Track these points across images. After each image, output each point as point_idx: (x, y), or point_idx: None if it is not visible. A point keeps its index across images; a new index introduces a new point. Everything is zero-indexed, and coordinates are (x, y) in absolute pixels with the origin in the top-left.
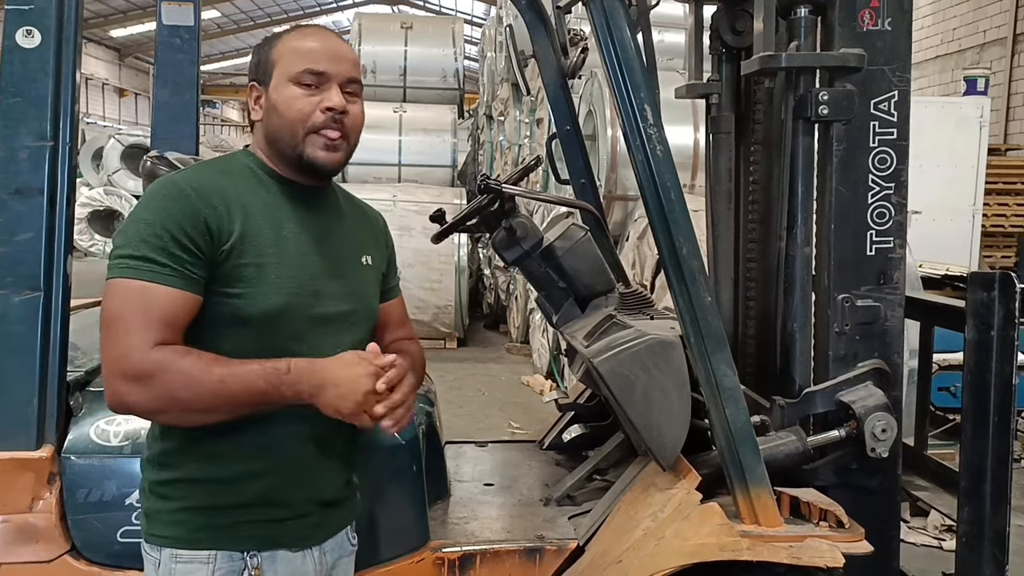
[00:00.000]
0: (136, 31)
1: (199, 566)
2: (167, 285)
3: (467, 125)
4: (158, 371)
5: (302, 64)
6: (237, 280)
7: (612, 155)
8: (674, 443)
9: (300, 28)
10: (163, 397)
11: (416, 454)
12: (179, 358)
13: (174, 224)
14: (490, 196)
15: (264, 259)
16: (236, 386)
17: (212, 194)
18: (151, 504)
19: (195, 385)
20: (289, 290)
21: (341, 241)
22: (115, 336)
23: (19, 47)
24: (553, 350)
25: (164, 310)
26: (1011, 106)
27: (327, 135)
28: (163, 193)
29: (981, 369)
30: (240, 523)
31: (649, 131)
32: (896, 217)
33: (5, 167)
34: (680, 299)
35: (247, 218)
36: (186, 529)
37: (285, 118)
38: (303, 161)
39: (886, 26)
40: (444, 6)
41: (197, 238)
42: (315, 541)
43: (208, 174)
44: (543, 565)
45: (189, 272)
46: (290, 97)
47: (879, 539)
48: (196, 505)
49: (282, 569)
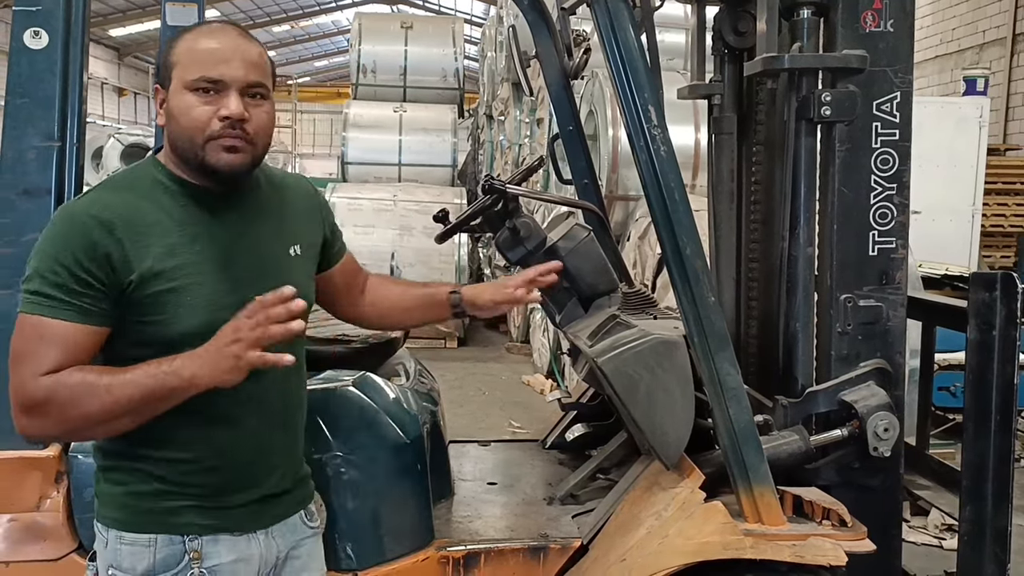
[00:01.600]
0: (135, 30)
1: (141, 548)
2: (62, 319)
3: (467, 125)
4: (48, 396)
5: (197, 70)
6: (153, 307)
7: (613, 155)
8: (677, 442)
9: (202, 26)
10: (60, 420)
11: (420, 453)
12: (66, 378)
13: (71, 259)
14: (494, 196)
15: (179, 282)
16: (125, 390)
17: (117, 223)
18: (101, 487)
19: (86, 400)
20: (209, 308)
21: (263, 241)
22: (14, 370)
23: (27, 48)
24: (554, 349)
25: (60, 343)
26: (1010, 106)
27: (228, 142)
28: (64, 225)
29: (983, 369)
30: (181, 508)
31: (653, 132)
32: (898, 217)
33: (13, 167)
34: (683, 299)
35: (155, 242)
36: (130, 512)
37: (183, 126)
38: (205, 168)
39: (888, 27)
40: (444, 6)
41: (97, 271)
42: (261, 525)
43: (114, 196)
44: (547, 564)
45: (87, 305)
46: (186, 105)
47: (881, 538)
48: (139, 491)
49: (225, 552)
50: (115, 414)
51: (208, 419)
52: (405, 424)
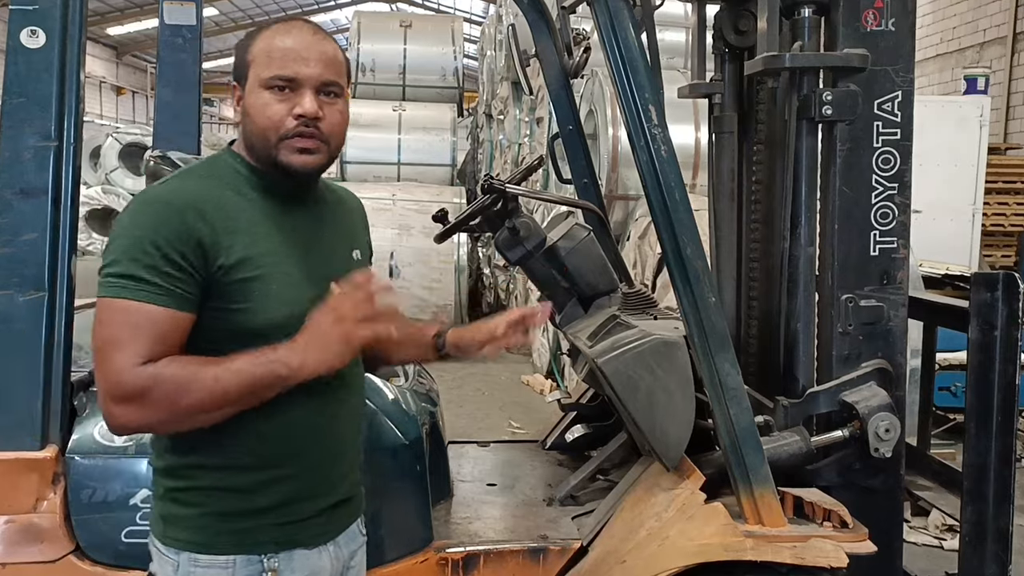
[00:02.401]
0: (134, 29)
1: (219, 571)
2: (156, 304)
3: (466, 123)
4: (152, 385)
5: (272, 69)
6: (240, 295)
7: (613, 154)
8: (678, 443)
9: (279, 25)
10: (161, 410)
11: (420, 454)
12: (169, 367)
13: (165, 242)
14: (493, 196)
15: (265, 270)
16: (232, 379)
17: (207, 208)
18: (169, 509)
19: (193, 389)
20: (292, 299)
21: (332, 239)
22: (106, 358)
23: (24, 47)
24: (553, 349)
25: (154, 329)
26: (1011, 105)
27: (299, 142)
28: (154, 208)
29: (984, 369)
30: (259, 527)
31: (653, 131)
32: (899, 217)
33: (10, 167)
34: (684, 299)
35: (242, 229)
36: (206, 535)
37: (257, 124)
38: (278, 165)
39: (890, 26)
40: (443, 4)
41: (190, 256)
42: (330, 537)
43: (200, 183)
44: (547, 565)
45: (180, 290)
46: (261, 103)
47: (882, 539)
48: (216, 511)
49: (299, 567)
50: (219, 404)
51: (289, 426)
52: (404, 425)
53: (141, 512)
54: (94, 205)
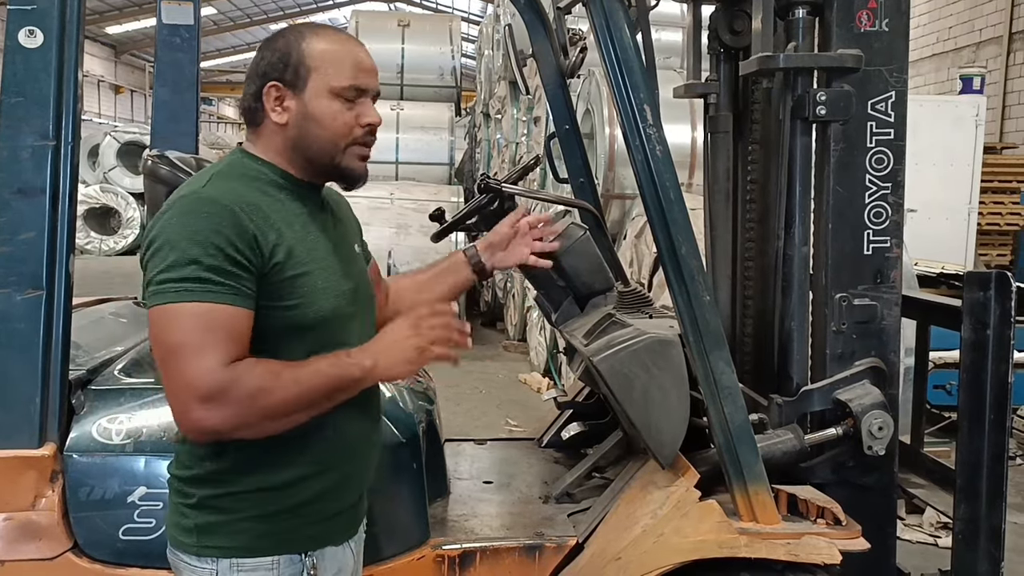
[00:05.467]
0: (132, 28)
1: (264, 573)
2: (228, 304)
3: (464, 123)
4: (231, 386)
5: (347, 79)
6: (292, 289)
7: (610, 154)
8: (673, 441)
9: (328, 32)
10: (244, 412)
11: (416, 452)
12: (249, 369)
13: (226, 241)
14: (490, 195)
15: (308, 267)
16: (312, 380)
17: (253, 208)
18: (205, 518)
19: (276, 390)
20: (334, 293)
21: (346, 235)
22: (182, 361)
23: (21, 47)
24: (550, 348)
25: (229, 329)
26: (1007, 104)
27: (365, 150)
28: (207, 210)
29: (977, 367)
30: (298, 525)
31: (648, 131)
32: (893, 217)
33: (8, 166)
34: (679, 298)
35: (284, 228)
36: (248, 538)
37: (327, 131)
38: (340, 171)
39: (883, 27)
40: (441, 4)
41: (249, 253)
42: (353, 532)
43: (239, 184)
44: (542, 562)
45: (246, 288)
46: (333, 111)
47: (876, 536)
48: (257, 514)
49: (329, 564)
50: (299, 406)
51: (321, 426)
52: (401, 422)
53: (139, 510)
54: (92, 204)
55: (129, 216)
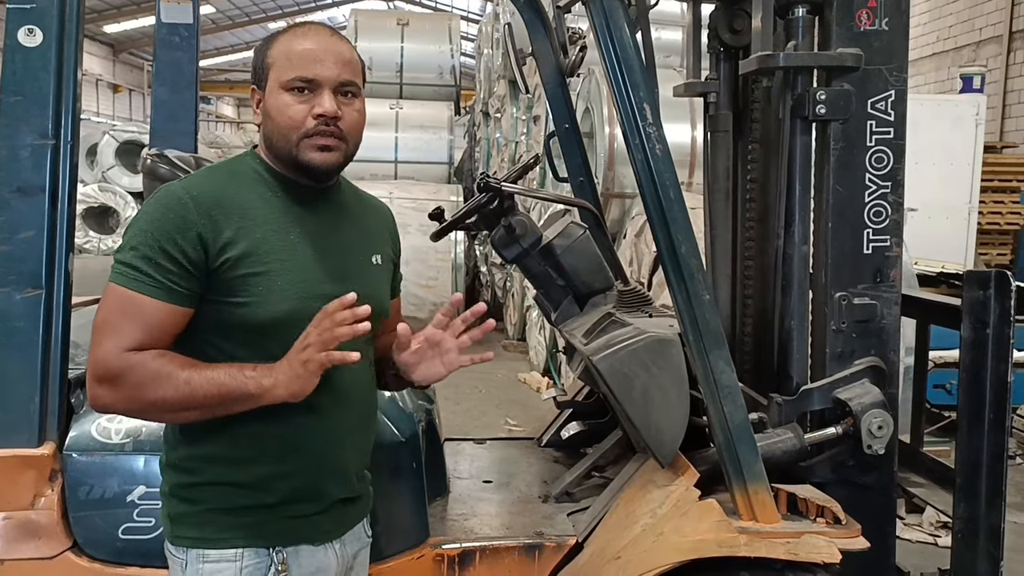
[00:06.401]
0: (130, 27)
1: (227, 564)
2: (149, 296)
3: (463, 122)
4: (125, 372)
5: (292, 71)
6: (242, 289)
7: (609, 153)
8: (672, 440)
9: (296, 28)
10: (131, 398)
11: (416, 451)
12: (148, 360)
13: (164, 235)
14: (489, 194)
15: (270, 266)
16: (203, 386)
17: (212, 204)
18: (175, 507)
19: (163, 386)
20: (296, 296)
21: (349, 243)
22: (98, 338)
23: (21, 46)
24: (550, 347)
25: (143, 319)
26: (1007, 104)
27: (321, 140)
28: (161, 202)
29: (977, 367)
30: (265, 520)
31: (648, 130)
32: (893, 216)
33: (7, 165)
34: (679, 297)
35: (251, 225)
36: (213, 529)
37: (279, 124)
38: (299, 164)
39: (883, 26)
40: (440, 2)
41: (188, 250)
42: (336, 535)
43: (213, 180)
44: (542, 561)
45: (174, 284)
46: (282, 104)
47: (875, 535)
48: (222, 506)
49: (305, 563)
50: (186, 406)
51: (290, 424)
52: (400, 422)
53: (138, 509)
54: (91, 203)
55: (127, 215)
